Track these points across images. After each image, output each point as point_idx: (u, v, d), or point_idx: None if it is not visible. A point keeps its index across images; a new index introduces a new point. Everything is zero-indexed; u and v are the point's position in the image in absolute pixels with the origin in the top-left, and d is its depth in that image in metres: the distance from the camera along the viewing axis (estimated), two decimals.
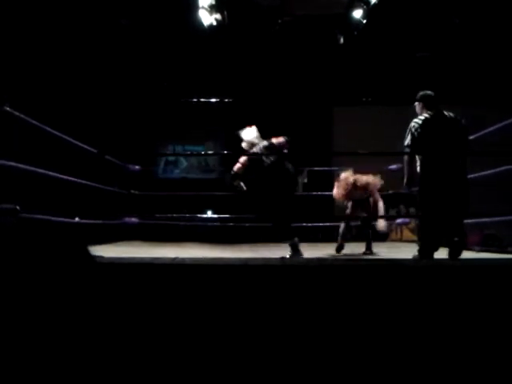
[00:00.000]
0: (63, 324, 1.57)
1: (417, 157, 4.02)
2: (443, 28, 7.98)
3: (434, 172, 3.88)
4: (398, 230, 9.19)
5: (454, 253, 3.84)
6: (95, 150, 5.31)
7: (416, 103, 4.17)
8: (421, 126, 3.91)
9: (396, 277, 2.10)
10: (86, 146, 5.19)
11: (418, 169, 4.03)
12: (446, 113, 3.99)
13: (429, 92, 4.14)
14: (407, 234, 8.99)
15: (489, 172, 4.65)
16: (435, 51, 8.68)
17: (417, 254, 4.07)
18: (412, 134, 3.92)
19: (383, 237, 9.05)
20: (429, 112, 3.98)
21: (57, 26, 6.50)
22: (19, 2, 5.79)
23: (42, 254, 1.60)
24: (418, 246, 4.09)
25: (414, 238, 8.41)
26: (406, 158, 4.05)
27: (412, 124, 3.98)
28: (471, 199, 3.93)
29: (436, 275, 2.15)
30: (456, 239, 3.88)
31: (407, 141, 3.97)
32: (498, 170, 4.48)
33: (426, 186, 3.94)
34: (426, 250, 3.94)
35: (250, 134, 4.89)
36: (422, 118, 3.96)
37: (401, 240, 8.83)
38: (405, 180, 4.08)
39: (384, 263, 2.62)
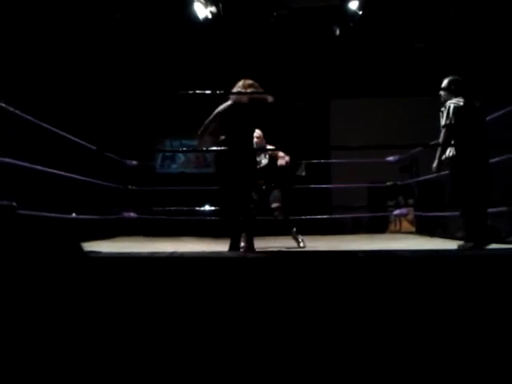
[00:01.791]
0: (57, 317, 1.56)
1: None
2: (439, 18, 7.96)
3: (476, 156, 3.76)
4: (397, 221, 9.20)
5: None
6: (92, 146, 5.29)
7: (444, 87, 4.03)
8: (462, 108, 3.82)
9: (396, 268, 2.10)
10: (82, 142, 5.17)
11: (448, 153, 3.90)
12: (474, 100, 3.92)
13: (459, 77, 4.03)
14: (406, 225, 9.00)
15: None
16: (431, 42, 8.65)
17: (464, 243, 3.84)
18: (455, 114, 3.80)
19: (382, 228, 9.08)
20: (463, 97, 3.88)
21: (52, 21, 6.47)
22: None
23: (34, 250, 1.60)
24: (469, 234, 3.84)
25: (413, 229, 8.43)
26: (443, 137, 3.87)
27: (452, 105, 3.85)
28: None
29: (434, 266, 2.15)
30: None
31: (447, 121, 3.83)
32: (495, 159, 4.47)
33: (469, 170, 3.76)
34: (482, 237, 3.70)
35: None
36: (461, 100, 3.86)
37: (399, 232, 8.84)
38: (436, 162, 3.94)
39: (386, 254, 2.62)
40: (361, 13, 7.49)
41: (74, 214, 5.22)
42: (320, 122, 10.39)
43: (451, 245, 4.27)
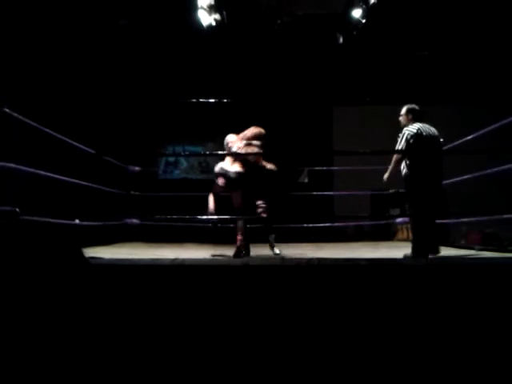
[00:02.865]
0: (58, 323, 1.56)
1: (404, 161, 4.45)
2: (442, 27, 7.98)
3: (423, 176, 4.28)
4: (404, 229, 9.14)
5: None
6: (95, 152, 5.30)
7: (403, 114, 4.55)
8: (415, 135, 4.31)
9: (395, 276, 2.10)
10: (86, 148, 5.19)
11: (404, 171, 4.42)
12: (429, 126, 4.42)
13: (416, 106, 4.56)
14: None
15: (490, 171, 4.68)
16: (434, 50, 8.67)
17: (409, 253, 4.26)
18: (407, 141, 4.32)
19: (387, 236, 9.04)
20: (418, 124, 4.38)
21: (56, 26, 6.50)
22: (18, 2, 5.79)
23: (36, 256, 1.60)
24: (412, 244, 4.30)
25: None
26: (394, 158, 4.42)
27: (406, 132, 4.36)
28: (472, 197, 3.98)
29: (434, 274, 2.14)
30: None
31: (401, 146, 4.37)
32: (499, 168, 4.49)
33: (418, 187, 4.30)
34: (420, 248, 4.15)
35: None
36: (415, 128, 4.35)
37: (407, 239, 8.79)
38: (386, 175, 4.55)
39: (385, 263, 2.62)
40: (364, 21, 7.50)
41: (76, 220, 5.23)
42: (323, 129, 10.40)
43: (453, 252, 4.28)
